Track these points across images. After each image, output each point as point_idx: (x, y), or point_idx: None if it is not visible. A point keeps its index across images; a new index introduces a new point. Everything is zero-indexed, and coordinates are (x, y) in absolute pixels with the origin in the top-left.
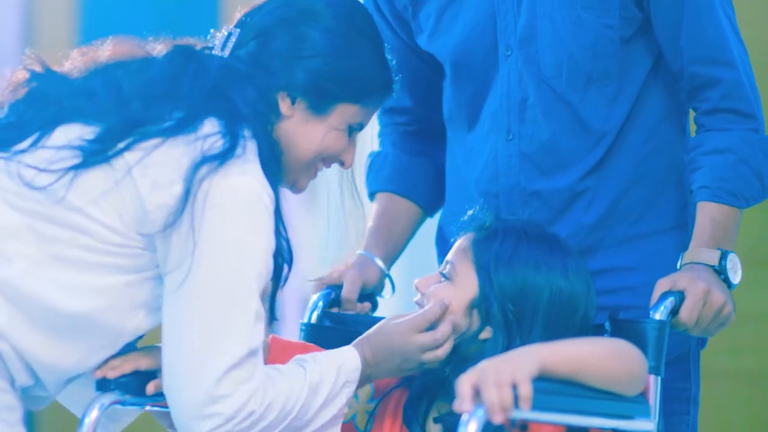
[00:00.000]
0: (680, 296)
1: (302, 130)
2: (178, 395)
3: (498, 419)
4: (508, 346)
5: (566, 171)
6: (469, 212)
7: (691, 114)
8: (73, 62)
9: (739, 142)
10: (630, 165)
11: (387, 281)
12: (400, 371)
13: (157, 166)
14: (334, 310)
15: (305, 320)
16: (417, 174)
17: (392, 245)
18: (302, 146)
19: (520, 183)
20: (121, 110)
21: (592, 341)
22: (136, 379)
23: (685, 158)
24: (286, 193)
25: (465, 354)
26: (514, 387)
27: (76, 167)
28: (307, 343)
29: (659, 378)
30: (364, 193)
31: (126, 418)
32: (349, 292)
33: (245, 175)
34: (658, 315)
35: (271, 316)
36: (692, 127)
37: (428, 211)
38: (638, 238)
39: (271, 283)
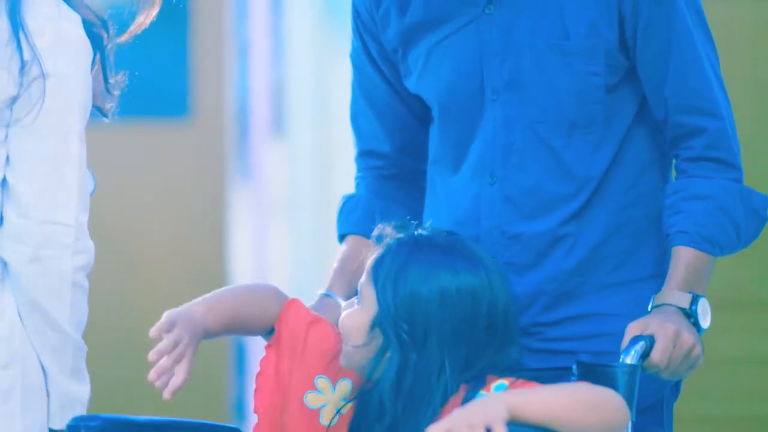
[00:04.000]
0: (650, 340)
1: None
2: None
3: None
4: (404, 363)
5: (547, 215)
6: (376, 231)
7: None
8: None
9: (720, 190)
10: (611, 212)
11: None
12: None
13: None
14: None
15: None
16: (388, 219)
17: (356, 286)
18: None
19: (501, 226)
20: None
21: (571, 388)
22: (107, 426)
23: (664, 202)
24: (261, 216)
25: (378, 374)
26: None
27: None
28: (319, 317)
29: (630, 422)
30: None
31: None
32: None
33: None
34: (629, 359)
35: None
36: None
37: None
38: (617, 285)
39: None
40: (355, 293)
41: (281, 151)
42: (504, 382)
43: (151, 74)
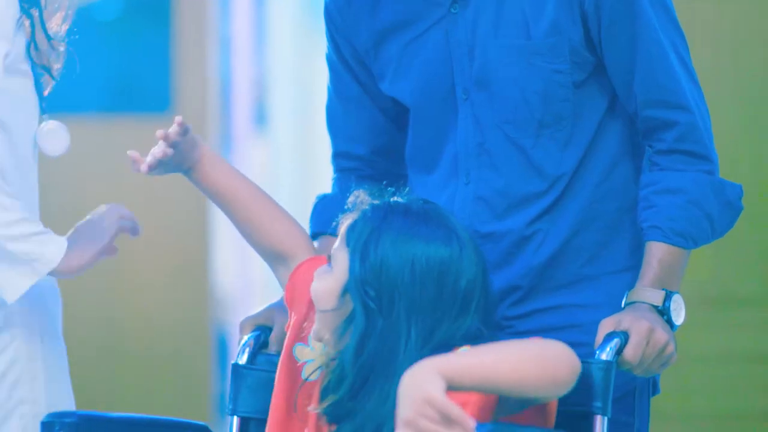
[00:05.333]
0: (625, 336)
1: None
2: None
3: None
4: (369, 329)
5: (519, 214)
6: (351, 198)
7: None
8: None
9: (692, 183)
10: (583, 207)
11: None
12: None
13: None
14: (264, 350)
15: (236, 361)
16: None
17: None
18: None
19: (474, 225)
20: None
21: (507, 345)
22: (82, 422)
23: (638, 195)
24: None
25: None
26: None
27: None
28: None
29: (606, 418)
30: None
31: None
32: (278, 334)
33: None
34: (605, 355)
35: None
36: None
37: None
38: (589, 278)
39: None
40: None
41: (263, 146)
42: (467, 348)
43: (134, 69)
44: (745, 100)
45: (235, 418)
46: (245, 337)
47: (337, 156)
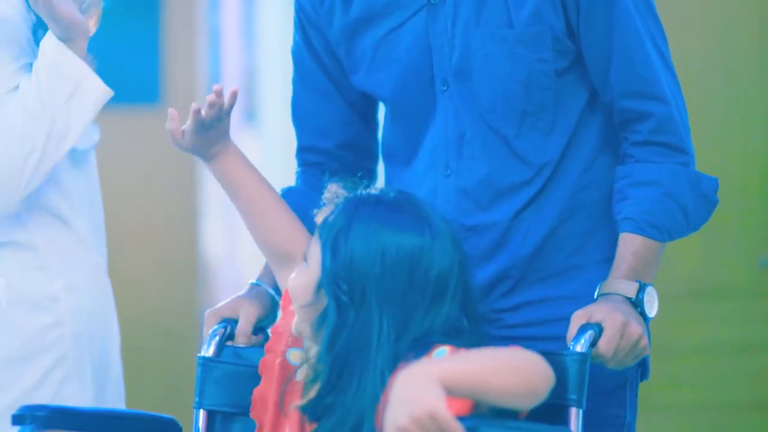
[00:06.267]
0: (599, 328)
1: None
2: None
3: None
4: (341, 322)
5: (504, 204)
6: (327, 193)
7: None
8: None
9: (667, 175)
10: (567, 196)
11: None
12: None
13: None
14: (229, 343)
15: (202, 354)
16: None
17: None
18: None
19: (458, 218)
20: None
21: (493, 354)
22: (54, 416)
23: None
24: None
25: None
26: None
27: None
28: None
29: (581, 410)
30: None
31: None
32: (244, 326)
33: None
34: (579, 347)
35: None
36: None
37: None
38: (575, 269)
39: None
40: None
41: (252, 138)
42: (445, 348)
43: (122, 61)
44: (734, 94)
45: (201, 411)
46: (210, 330)
47: (303, 150)
